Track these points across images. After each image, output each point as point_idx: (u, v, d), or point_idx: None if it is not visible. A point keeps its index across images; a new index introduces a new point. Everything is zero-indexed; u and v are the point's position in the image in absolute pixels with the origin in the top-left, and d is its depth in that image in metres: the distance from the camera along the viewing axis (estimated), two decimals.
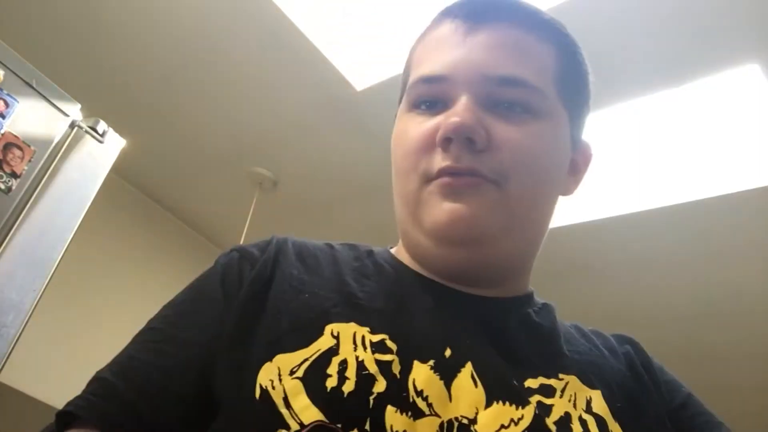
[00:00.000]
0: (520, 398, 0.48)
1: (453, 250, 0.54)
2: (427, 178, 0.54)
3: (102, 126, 1.45)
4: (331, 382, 0.46)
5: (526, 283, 0.61)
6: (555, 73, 0.57)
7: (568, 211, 2.54)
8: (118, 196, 2.95)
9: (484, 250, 0.54)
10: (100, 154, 1.44)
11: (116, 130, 1.49)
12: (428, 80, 0.57)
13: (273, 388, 0.46)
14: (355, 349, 0.49)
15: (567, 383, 0.50)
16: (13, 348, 1.22)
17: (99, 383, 0.50)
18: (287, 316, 0.52)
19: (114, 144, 1.48)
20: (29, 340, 1.32)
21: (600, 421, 0.48)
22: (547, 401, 0.48)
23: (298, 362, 0.48)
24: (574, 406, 0.48)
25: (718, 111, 1.97)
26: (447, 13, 0.60)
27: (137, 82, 2.41)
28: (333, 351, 0.49)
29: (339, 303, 0.54)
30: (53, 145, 1.34)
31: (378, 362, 0.48)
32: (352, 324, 0.51)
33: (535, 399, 0.48)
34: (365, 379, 0.46)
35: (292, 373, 0.47)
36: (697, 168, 2.20)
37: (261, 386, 0.47)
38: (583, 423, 0.47)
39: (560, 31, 0.61)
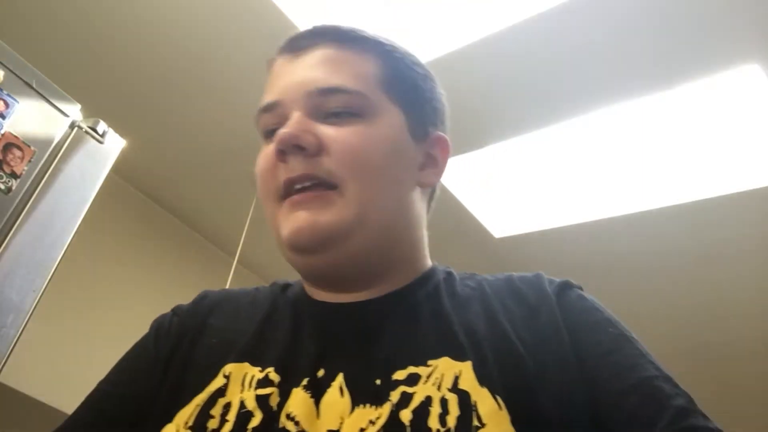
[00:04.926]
0: (379, 397, 0.50)
1: (307, 258, 0.58)
2: (278, 196, 0.59)
3: (102, 126, 1.45)
4: (212, 424, 0.52)
5: (418, 269, 0.64)
6: (380, 78, 0.62)
7: (568, 211, 2.54)
8: (118, 196, 2.95)
9: (335, 252, 0.57)
10: (100, 154, 1.44)
11: (116, 130, 1.49)
12: (265, 109, 0.62)
13: None
14: (242, 390, 0.54)
15: (435, 367, 0.52)
16: (13, 348, 1.22)
17: None
18: (194, 366, 0.59)
19: (114, 144, 1.48)
20: (29, 341, 1.31)
21: (462, 396, 0.49)
22: (410, 389, 0.50)
23: (191, 411, 0.54)
24: (439, 387, 0.50)
25: (718, 111, 1.97)
26: (277, 53, 0.66)
27: (137, 82, 2.41)
28: (221, 392, 0.55)
29: (241, 343, 0.59)
30: (53, 145, 1.34)
31: (258, 397, 0.53)
32: (246, 364, 0.57)
33: (399, 391, 0.50)
34: (243, 417, 0.51)
35: (186, 425, 0.53)
36: (697, 168, 2.20)
37: None
38: (444, 403, 0.49)
39: (381, 43, 0.66)
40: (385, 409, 0.49)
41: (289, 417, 0.50)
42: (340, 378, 0.53)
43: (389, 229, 0.60)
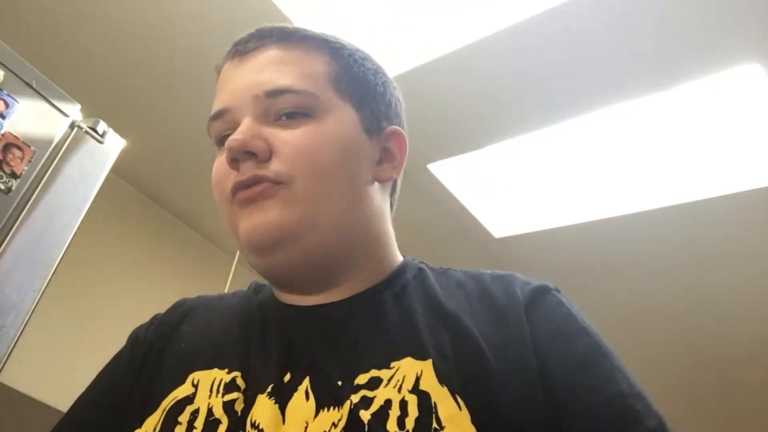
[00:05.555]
0: (341, 399, 0.50)
1: (267, 258, 0.58)
2: (229, 200, 0.59)
3: (102, 126, 1.45)
4: (179, 430, 0.53)
5: (385, 266, 0.64)
6: (329, 75, 0.62)
7: (568, 211, 2.54)
8: (118, 196, 2.95)
9: (293, 249, 0.57)
10: (100, 154, 1.44)
11: (116, 130, 1.49)
12: (215, 117, 0.63)
13: None
14: (210, 396, 0.54)
15: (397, 369, 0.52)
16: (12, 348, 1.22)
17: None
18: (163, 372, 0.60)
19: (114, 144, 1.48)
20: (29, 341, 1.31)
21: (422, 397, 0.49)
22: (371, 393, 0.50)
23: (159, 416, 0.55)
24: (399, 389, 0.50)
25: (718, 111, 1.97)
26: (223, 58, 0.67)
27: (137, 82, 2.41)
28: (189, 399, 0.55)
29: (210, 349, 0.60)
30: (53, 145, 1.34)
31: (224, 404, 0.53)
32: (214, 370, 0.57)
33: (359, 395, 0.50)
34: (210, 425, 0.52)
35: (154, 430, 0.54)
36: (697, 168, 2.20)
37: None
38: (403, 405, 0.49)
39: (328, 41, 0.65)
40: (345, 410, 0.49)
41: (253, 425, 0.50)
42: (306, 382, 0.53)
43: (347, 225, 0.60)
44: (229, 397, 0.53)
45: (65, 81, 1.55)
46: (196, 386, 0.56)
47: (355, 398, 0.50)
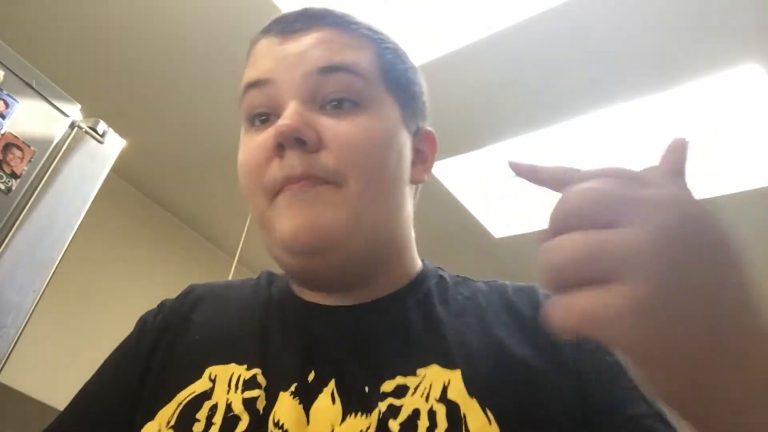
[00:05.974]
0: (369, 406, 0.49)
1: (306, 260, 0.55)
2: (272, 193, 0.54)
3: (102, 126, 1.45)
4: (198, 427, 0.50)
5: (409, 270, 0.62)
6: (377, 64, 0.58)
7: None
8: (118, 196, 2.95)
9: (335, 253, 0.54)
10: (100, 154, 1.44)
11: (116, 130, 1.49)
12: (253, 84, 0.58)
13: None
14: (228, 392, 0.52)
15: (424, 377, 0.50)
16: (13, 348, 1.22)
17: None
18: (176, 362, 0.58)
19: (114, 144, 1.48)
20: (29, 341, 1.32)
21: (451, 407, 0.48)
22: (398, 402, 0.49)
23: (173, 410, 0.53)
24: (427, 398, 0.49)
25: (718, 111, 1.97)
26: (262, 32, 0.61)
27: (137, 82, 2.41)
28: (206, 395, 0.53)
29: (225, 342, 0.58)
30: (53, 145, 1.34)
31: (245, 401, 0.51)
32: (232, 365, 0.55)
33: (386, 403, 0.49)
34: (229, 421, 0.50)
35: (168, 423, 0.52)
36: (696, 168, 2.20)
37: None
38: (432, 415, 0.48)
39: (375, 30, 0.62)
40: (374, 419, 0.48)
41: (276, 425, 0.49)
42: (332, 384, 0.51)
43: (388, 230, 0.58)
44: (249, 394, 0.51)
45: (65, 81, 1.55)
46: (213, 381, 0.54)
47: (382, 406, 0.49)
